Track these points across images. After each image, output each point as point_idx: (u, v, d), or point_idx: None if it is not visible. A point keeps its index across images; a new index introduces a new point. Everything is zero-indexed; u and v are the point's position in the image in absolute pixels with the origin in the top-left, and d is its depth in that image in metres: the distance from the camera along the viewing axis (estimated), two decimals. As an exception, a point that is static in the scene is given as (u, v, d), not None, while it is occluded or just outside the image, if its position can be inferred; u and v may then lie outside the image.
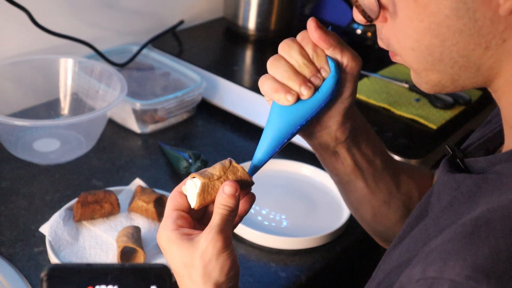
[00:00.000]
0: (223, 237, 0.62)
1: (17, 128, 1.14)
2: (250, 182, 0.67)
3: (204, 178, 0.64)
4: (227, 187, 0.64)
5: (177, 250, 0.63)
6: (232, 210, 0.64)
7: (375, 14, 0.60)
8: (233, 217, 0.65)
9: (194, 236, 0.64)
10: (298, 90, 0.68)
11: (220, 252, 0.62)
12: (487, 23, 0.54)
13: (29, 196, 1.06)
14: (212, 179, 0.65)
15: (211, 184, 0.64)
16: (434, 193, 0.65)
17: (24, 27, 1.21)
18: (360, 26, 1.62)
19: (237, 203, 0.64)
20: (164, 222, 0.66)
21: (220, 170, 0.65)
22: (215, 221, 0.63)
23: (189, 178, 0.66)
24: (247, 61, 1.57)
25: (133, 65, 1.38)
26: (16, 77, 1.23)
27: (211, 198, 0.65)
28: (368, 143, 0.78)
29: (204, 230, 0.64)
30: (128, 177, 1.12)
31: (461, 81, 0.60)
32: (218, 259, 0.62)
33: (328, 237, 1.02)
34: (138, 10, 1.47)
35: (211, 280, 0.62)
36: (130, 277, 0.42)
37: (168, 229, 0.64)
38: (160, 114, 1.25)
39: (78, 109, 1.25)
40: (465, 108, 1.31)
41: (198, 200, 0.64)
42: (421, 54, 0.60)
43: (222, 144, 1.27)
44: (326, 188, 1.14)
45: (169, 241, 0.64)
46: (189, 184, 0.66)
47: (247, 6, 1.53)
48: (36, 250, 0.95)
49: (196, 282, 0.63)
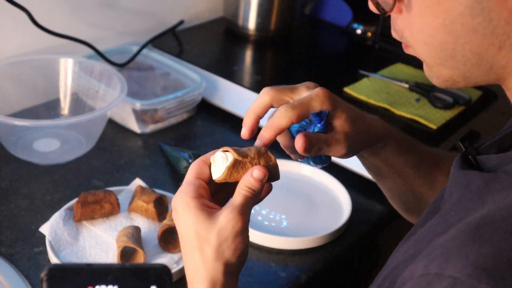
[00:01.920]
0: (243, 219, 0.62)
1: (17, 128, 1.14)
2: (277, 176, 0.68)
3: (238, 155, 0.64)
4: (257, 171, 0.64)
5: (193, 219, 0.62)
6: (255, 195, 0.64)
7: (390, 7, 0.59)
8: (255, 202, 0.65)
9: (213, 210, 0.63)
10: None
11: (238, 234, 0.62)
12: (502, 23, 0.54)
13: (29, 196, 1.06)
14: (245, 158, 0.64)
15: (242, 163, 0.64)
16: (447, 189, 0.65)
17: (24, 27, 1.21)
18: (360, 26, 1.62)
19: (261, 189, 0.64)
20: (185, 187, 0.64)
21: (255, 153, 0.65)
22: (238, 201, 0.63)
23: (221, 150, 0.65)
24: (247, 61, 1.57)
25: (133, 65, 1.38)
26: (16, 77, 1.23)
27: (237, 176, 0.64)
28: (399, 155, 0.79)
29: (225, 207, 0.63)
30: (128, 177, 1.12)
31: (473, 78, 0.60)
32: (234, 239, 0.62)
33: (328, 237, 1.02)
34: (138, 10, 1.47)
35: (223, 258, 0.62)
36: (130, 277, 0.42)
37: (188, 195, 0.63)
38: (160, 114, 1.25)
39: (78, 109, 1.25)
40: (465, 108, 1.31)
41: (225, 173, 0.64)
42: (433, 49, 0.59)
43: (222, 144, 1.24)
44: (326, 188, 1.14)
45: (187, 208, 0.63)
46: (219, 156, 0.65)
47: (247, 6, 1.53)
48: (36, 250, 0.95)
49: (207, 256, 0.62)
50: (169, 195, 1.04)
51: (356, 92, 1.31)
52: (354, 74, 1.38)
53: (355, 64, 1.44)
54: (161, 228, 0.95)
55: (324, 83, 0.75)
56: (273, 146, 0.71)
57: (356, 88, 1.33)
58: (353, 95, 1.30)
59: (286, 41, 1.59)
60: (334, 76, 1.42)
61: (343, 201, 1.10)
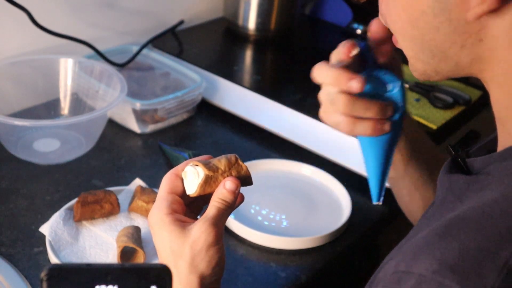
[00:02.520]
0: (216, 230, 0.63)
1: (17, 128, 1.14)
2: (250, 183, 0.67)
3: (209, 170, 0.64)
4: (229, 183, 0.65)
5: (168, 236, 0.63)
6: (229, 206, 0.64)
7: None
8: (229, 213, 0.65)
9: (187, 224, 0.64)
10: None
11: (211, 245, 0.63)
12: (462, 23, 0.55)
13: (29, 196, 1.06)
14: (216, 173, 0.65)
15: (214, 177, 0.65)
16: (436, 193, 0.65)
17: (24, 27, 1.21)
18: (360, 26, 1.62)
19: (235, 200, 0.65)
20: (159, 203, 0.65)
21: (225, 165, 0.66)
22: (211, 213, 0.64)
23: (191, 164, 0.66)
24: (247, 61, 1.57)
25: (133, 65, 1.38)
26: (16, 77, 1.23)
27: (210, 190, 0.65)
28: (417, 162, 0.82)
29: (198, 220, 0.64)
30: (128, 177, 1.12)
31: (445, 72, 0.61)
32: (208, 251, 0.63)
33: (328, 237, 1.02)
34: (138, 10, 1.47)
35: (197, 271, 0.63)
36: (130, 277, 0.42)
37: (162, 212, 0.64)
38: (160, 114, 1.25)
39: (78, 109, 1.25)
40: (465, 108, 1.31)
41: (198, 190, 0.65)
42: (407, 42, 0.61)
43: (222, 144, 1.27)
44: (326, 188, 1.14)
45: (162, 225, 0.64)
46: (190, 171, 0.66)
47: (247, 6, 1.53)
48: (36, 250, 0.95)
49: (182, 271, 0.63)
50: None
51: (356, 92, 1.31)
52: (354, 74, 1.38)
53: (355, 64, 1.44)
54: (161, 228, 0.95)
55: (324, 83, 0.75)
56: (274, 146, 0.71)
57: (356, 88, 1.33)
58: (353, 95, 1.30)
59: (286, 41, 1.59)
60: (334, 76, 1.41)
61: (343, 201, 1.10)
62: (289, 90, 1.32)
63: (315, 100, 0.77)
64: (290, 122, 1.23)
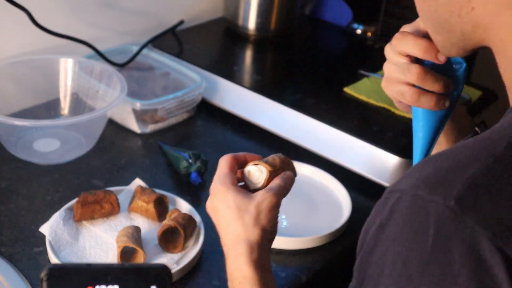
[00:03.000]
0: (276, 199, 0.74)
1: (17, 128, 1.14)
2: (295, 174, 0.82)
3: (270, 166, 0.78)
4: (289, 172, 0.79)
5: (234, 197, 0.73)
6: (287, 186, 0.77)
7: None
8: (284, 194, 0.76)
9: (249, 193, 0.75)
10: None
11: (273, 207, 0.74)
12: None
13: (29, 196, 1.06)
14: (275, 168, 0.79)
15: (274, 171, 0.78)
16: None
17: (24, 27, 1.21)
18: (360, 26, 1.62)
19: (291, 183, 0.78)
20: (222, 177, 0.76)
21: (279, 162, 0.80)
22: (274, 186, 0.75)
23: (252, 164, 0.78)
24: (247, 61, 1.57)
25: (133, 65, 1.38)
26: (16, 77, 1.23)
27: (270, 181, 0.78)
28: None
29: (262, 190, 0.75)
30: (128, 177, 1.12)
31: (459, 44, 0.64)
32: (270, 212, 0.74)
33: (328, 237, 1.02)
34: (138, 10, 1.47)
35: (260, 225, 0.73)
36: (130, 277, 0.42)
37: (227, 182, 0.75)
38: (160, 114, 1.25)
39: (78, 109, 1.25)
40: (465, 108, 1.31)
41: (264, 183, 0.77)
42: (424, 20, 0.66)
43: (222, 144, 1.27)
44: (326, 188, 1.14)
45: (228, 191, 0.74)
46: (253, 169, 0.78)
47: (247, 6, 1.53)
48: (36, 250, 0.95)
49: (247, 224, 0.72)
50: (169, 195, 1.04)
51: (356, 92, 1.31)
52: (354, 74, 1.38)
53: (355, 64, 1.44)
54: (161, 228, 0.95)
55: (324, 83, 0.75)
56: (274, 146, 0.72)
57: (356, 88, 1.33)
58: (353, 95, 1.30)
59: (286, 41, 1.59)
60: (334, 76, 1.41)
61: (343, 201, 1.10)
62: (289, 90, 1.32)
63: (315, 100, 0.77)
64: (290, 122, 1.23)
